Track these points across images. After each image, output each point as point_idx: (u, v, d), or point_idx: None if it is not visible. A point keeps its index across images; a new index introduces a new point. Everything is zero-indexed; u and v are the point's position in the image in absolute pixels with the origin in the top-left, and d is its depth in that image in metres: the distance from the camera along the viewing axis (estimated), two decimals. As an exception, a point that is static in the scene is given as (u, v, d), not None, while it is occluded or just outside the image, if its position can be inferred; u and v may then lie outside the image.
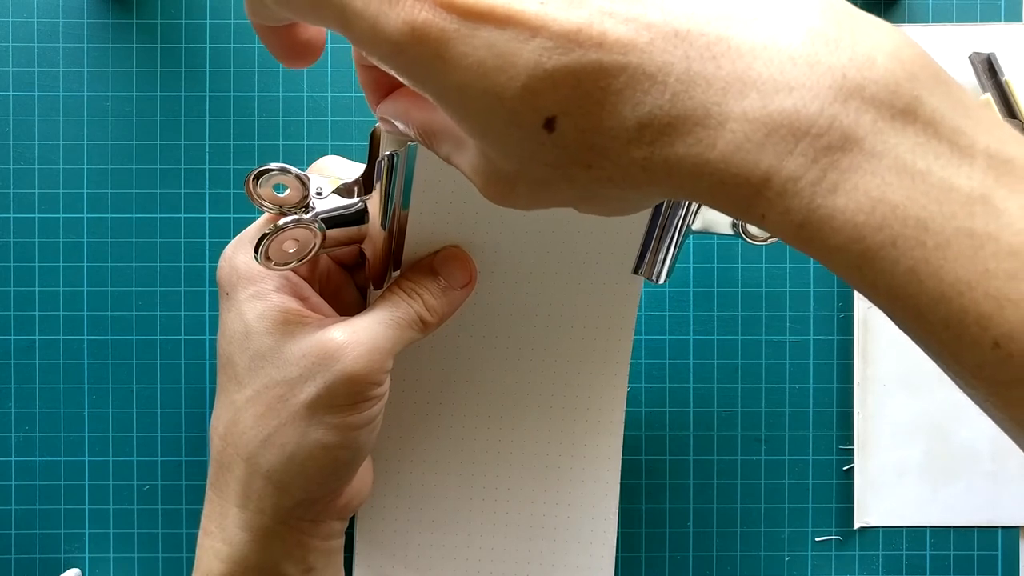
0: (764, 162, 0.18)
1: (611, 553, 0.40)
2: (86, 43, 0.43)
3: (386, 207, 0.31)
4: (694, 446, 0.44)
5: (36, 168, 0.43)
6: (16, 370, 0.43)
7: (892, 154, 0.18)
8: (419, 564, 0.40)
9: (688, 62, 0.18)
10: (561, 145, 0.19)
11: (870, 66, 0.18)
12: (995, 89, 0.44)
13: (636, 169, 0.19)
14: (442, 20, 0.19)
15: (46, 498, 0.43)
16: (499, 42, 0.18)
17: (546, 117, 0.19)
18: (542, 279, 0.36)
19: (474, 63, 0.19)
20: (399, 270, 0.34)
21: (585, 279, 0.36)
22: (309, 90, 0.43)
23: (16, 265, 0.43)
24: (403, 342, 0.33)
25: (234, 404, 0.33)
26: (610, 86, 0.18)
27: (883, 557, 0.44)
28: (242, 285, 0.32)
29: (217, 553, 0.33)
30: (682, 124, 0.18)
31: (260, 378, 0.32)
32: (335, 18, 0.20)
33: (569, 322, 0.38)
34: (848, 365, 0.44)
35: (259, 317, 0.32)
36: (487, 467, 0.40)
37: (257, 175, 0.29)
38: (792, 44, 0.19)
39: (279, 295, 0.32)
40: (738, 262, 0.44)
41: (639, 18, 0.18)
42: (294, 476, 0.32)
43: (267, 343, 0.32)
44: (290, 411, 0.31)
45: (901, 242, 0.18)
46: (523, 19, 0.18)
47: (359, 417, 0.32)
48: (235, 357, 0.32)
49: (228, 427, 0.33)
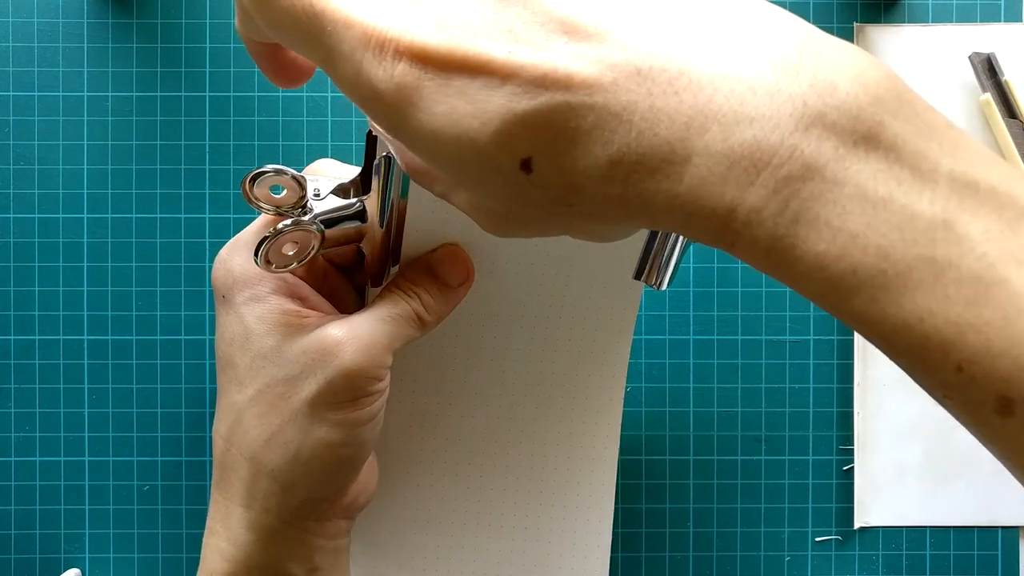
0: (728, 194, 0.19)
1: (606, 555, 0.40)
2: (86, 43, 0.43)
3: (383, 206, 0.31)
4: (694, 446, 0.44)
5: (36, 168, 0.43)
6: (16, 370, 0.43)
7: (853, 182, 0.18)
8: (413, 565, 0.40)
9: (651, 99, 0.19)
10: (540, 185, 0.20)
11: (831, 92, 0.18)
12: (995, 89, 0.44)
13: (613, 204, 0.20)
14: (418, 72, 0.19)
15: (46, 498, 0.43)
16: (471, 90, 0.19)
17: (521, 159, 0.19)
18: (541, 281, 0.36)
19: (447, 110, 0.19)
20: (397, 266, 0.34)
21: (585, 282, 0.36)
22: (309, 90, 0.43)
23: (16, 265, 0.43)
24: (402, 339, 0.33)
25: (236, 405, 0.33)
26: (580, 126, 0.19)
27: (883, 557, 0.44)
28: (239, 288, 0.33)
29: (222, 553, 0.33)
30: (649, 160, 0.19)
31: (261, 378, 0.32)
32: (321, 56, 0.21)
33: (567, 324, 0.38)
34: (848, 365, 0.44)
35: (258, 319, 0.32)
36: (482, 468, 0.40)
37: (253, 177, 0.29)
38: (753, 73, 0.19)
39: (277, 297, 0.33)
40: (738, 262, 0.44)
41: (603, 58, 0.19)
42: (299, 475, 0.32)
43: (267, 343, 0.32)
44: (292, 409, 0.31)
45: (861, 271, 0.18)
46: (493, 67, 0.19)
47: (361, 413, 0.32)
48: (236, 359, 0.33)
49: (231, 428, 0.33)
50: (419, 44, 0.19)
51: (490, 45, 0.19)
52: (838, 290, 0.18)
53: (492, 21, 0.19)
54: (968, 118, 0.44)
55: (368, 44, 0.20)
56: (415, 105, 0.20)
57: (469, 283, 0.35)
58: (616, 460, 0.40)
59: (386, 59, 0.20)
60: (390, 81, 0.20)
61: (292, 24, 0.21)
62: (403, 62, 0.19)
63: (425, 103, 0.20)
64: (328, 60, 0.21)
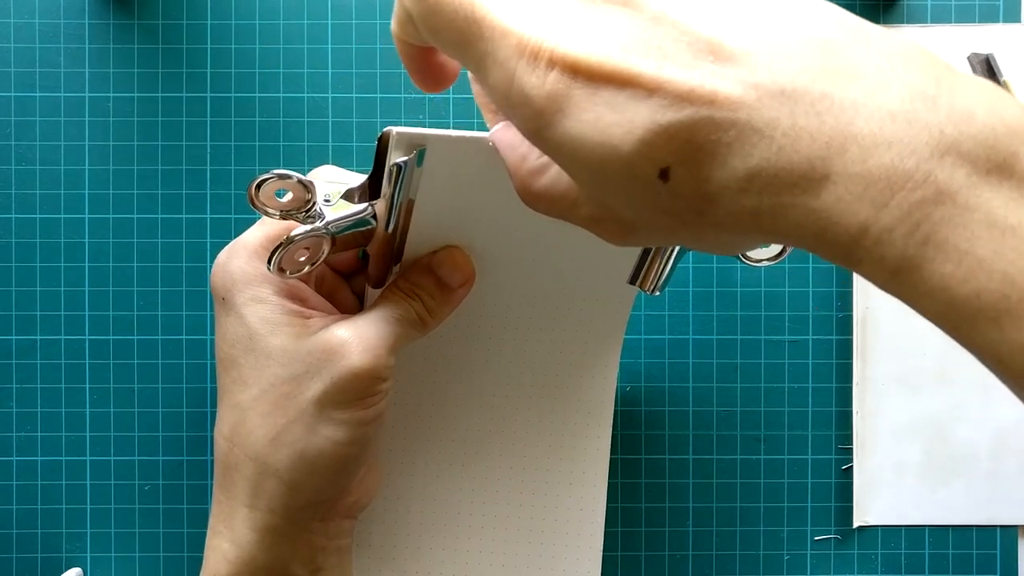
0: (862, 213, 0.19)
1: (598, 556, 0.40)
2: (87, 44, 0.44)
3: (391, 210, 0.31)
4: (693, 445, 0.44)
5: (38, 169, 0.43)
6: (18, 370, 0.43)
7: (984, 208, 0.19)
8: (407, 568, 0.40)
9: (794, 118, 0.20)
10: (675, 193, 0.21)
11: (968, 122, 0.19)
12: (993, 89, 0.44)
13: (745, 216, 0.21)
14: (568, 81, 0.21)
15: (47, 497, 0.43)
16: (617, 101, 0.20)
17: (661, 168, 0.20)
18: (538, 284, 0.37)
19: (593, 118, 0.21)
20: (399, 265, 0.34)
21: (581, 286, 0.37)
22: (310, 91, 0.44)
23: (18, 265, 0.43)
24: (404, 339, 0.33)
25: (239, 405, 0.33)
26: (721, 139, 0.20)
27: (882, 556, 0.44)
28: (239, 290, 0.33)
29: (225, 554, 0.33)
30: (788, 175, 0.20)
31: (266, 377, 0.32)
32: (475, 61, 0.22)
33: (563, 326, 0.38)
34: (847, 365, 0.44)
35: (262, 320, 0.32)
36: (476, 470, 0.40)
37: (260, 183, 0.30)
38: (892, 101, 0.20)
39: (279, 298, 0.33)
40: (737, 262, 0.44)
41: (748, 79, 0.20)
42: (306, 474, 0.32)
43: (272, 343, 0.32)
44: (298, 408, 0.32)
45: (985, 295, 0.19)
46: (641, 80, 0.20)
47: (367, 412, 0.32)
48: (239, 359, 0.33)
49: (234, 428, 0.33)
50: (572, 56, 0.21)
51: (639, 60, 0.20)
52: (960, 312, 0.19)
53: (642, 38, 0.20)
54: (967, 118, 0.44)
55: (523, 53, 0.21)
56: (563, 112, 0.21)
57: (469, 285, 0.35)
58: (607, 461, 0.40)
59: (539, 68, 0.21)
60: (541, 88, 0.21)
61: (451, 29, 0.22)
62: (555, 71, 0.21)
63: (573, 111, 0.21)
64: (481, 65, 0.22)
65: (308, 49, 0.44)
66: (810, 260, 0.44)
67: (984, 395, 0.44)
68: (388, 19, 0.44)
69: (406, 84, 0.44)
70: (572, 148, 0.21)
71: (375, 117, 0.44)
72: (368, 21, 0.44)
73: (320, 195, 0.31)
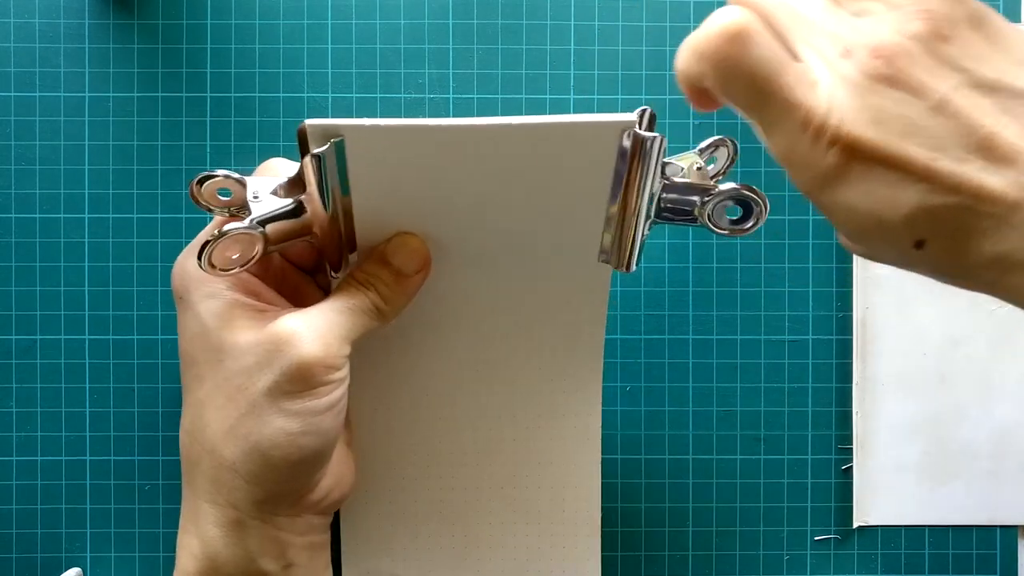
0: None
1: (597, 531, 0.40)
2: (87, 44, 0.44)
3: (323, 197, 0.32)
4: (693, 445, 0.44)
5: (38, 168, 0.43)
6: (17, 370, 0.43)
7: None
8: (405, 556, 0.40)
9: None
10: (924, 260, 0.24)
11: None
12: (993, 89, 0.44)
13: (982, 284, 0.24)
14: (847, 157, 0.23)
15: (47, 497, 0.43)
16: (889, 180, 0.23)
17: (917, 240, 0.23)
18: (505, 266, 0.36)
19: (864, 192, 0.23)
20: (355, 253, 0.34)
21: (549, 266, 0.36)
22: (310, 91, 0.44)
23: (17, 265, 0.43)
24: (359, 329, 0.33)
25: (198, 401, 0.33)
26: (977, 226, 0.22)
27: (882, 556, 0.44)
28: (195, 287, 0.33)
29: (192, 551, 0.33)
30: None
31: (219, 371, 0.32)
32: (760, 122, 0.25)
33: (537, 308, 0.38)
34: (847, 364, 0.44)
35: (214, 315, 0.33)
36: (465, 455, 0.40)
37: (200, 180, 0.31)
38: None
39: (232, 292, 0.33)
40: (737, 262, 0.44)
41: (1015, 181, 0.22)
42: (261, 466, 0.32)
43: (223, 337, 0.32)
44: (249, 400, 0.32)
45: None
46: (915, 168, 0.22)
47: (319, 402, 0.32)
48: (197, 356, 0.33)
49: (192, 422, 0.33)
50: (854, 137, 0.23)
51: (916, 150, 0.22)
52: None
53: (919, 128, 0.22)
54: (966, 118, 0.45)
55: (807, 127, 0.23)
56: (837, 181, 0.23)
57: (426, 271, 0.35)
58: (599, 437, 0.40)
59: (821, 143, 0.23)
60: (820, 160, 0.23)
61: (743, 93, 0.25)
62: (836, 148, 0.23)
63: (846, 183, 0.23)
64: (768, 128, 0.25)
65: (308, 49, 0.44)
66: (810, 260, 0.44)
67: (984, 395, 0.44)
68: (388, 19, 0.44)
69: (406, 84, 0.44)
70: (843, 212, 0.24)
71: (374, 116, 0.44)
72: (368, 21, 0.44)
73: (250, 192, 0.31)
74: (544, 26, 0.44)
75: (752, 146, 0.43)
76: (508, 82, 0.44)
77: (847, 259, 0.44)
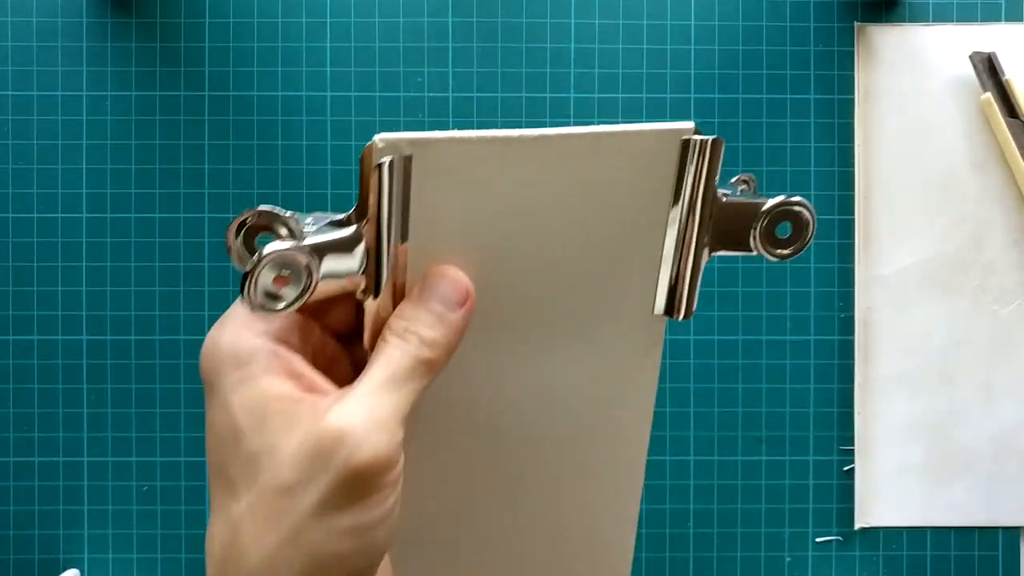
0: None
1: None
2: (85, 42, 0.43)
3: (379, 233, 0.28)
4: (694, 446, 0.44)
5: (35, 168, 0.43)
6: (14, 370, 0.43)
7: None
8: None
9: None
10: None
11: None
12: (996, 88, 0.44)
13: None
14: None
15: (45, 499, 0.43)
16: None
17: None
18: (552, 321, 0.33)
19: None
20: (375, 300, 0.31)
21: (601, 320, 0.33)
22: (308, 90, 0.43)
23: (14, 265, 0.43)
24: (411, 399, 0.29)
25: (231, 519, 0.28)
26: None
27: (884, 558, 0.44)
28: (226, 370, 0.29)
29: None
30: None
31: (256, 486, 0.28)
32: None
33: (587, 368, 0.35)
34: (849, 365, 0.44)
35: (248, 412, 0.28)
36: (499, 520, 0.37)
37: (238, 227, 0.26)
38: None
39: (268, 377, 0.28)
40: (738, 262, 0.44)
41: None
42: None
43: (258, 443, 0.28)
44: (293, 525, 0.27)
45: None
46: None
47: (376, 513, 0.28)
48: (227, 463, 0.29)
49: (225, 547, 0.29)
50: None
51: None
52: None
53: None
54: (968, 117, 0.44)
55: None
56: None
57: (470, 302, 0.31)
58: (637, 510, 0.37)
59: None
60: None
61: None
62: None
63: None
64: None
65: (306, 48, 0.43)
66: (812, 260, 0.44)
67: (986, 397, 0.44)
68: (387, 17, 0.43)
69: (405, 83, 0.44)
70: None
71: (373, 116, 0.44)
72: (366, 19, 0.43)
73: (304, 222, 0.27)
74: (544, 24, 0.44)
75: (752, 146, 0.43)
76: (508, 81, 0.44)
77: (849, 259, 0.44)
